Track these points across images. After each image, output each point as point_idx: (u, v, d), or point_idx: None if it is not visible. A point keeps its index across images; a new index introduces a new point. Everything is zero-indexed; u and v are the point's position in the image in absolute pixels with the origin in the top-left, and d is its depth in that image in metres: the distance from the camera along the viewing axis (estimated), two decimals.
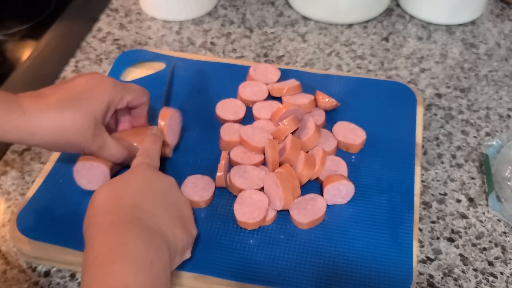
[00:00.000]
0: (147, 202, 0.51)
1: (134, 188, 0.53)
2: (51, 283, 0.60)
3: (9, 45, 0.94)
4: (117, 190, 0.52)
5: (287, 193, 0.60)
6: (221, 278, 0.57)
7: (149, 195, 0.52)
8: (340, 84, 0.78)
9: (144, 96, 0.64)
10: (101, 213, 0.50)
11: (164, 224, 0.50)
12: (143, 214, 0.50)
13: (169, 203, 0.53)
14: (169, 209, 0.53)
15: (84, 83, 0.58)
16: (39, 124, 0.54)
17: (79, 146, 0.57)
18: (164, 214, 0.51)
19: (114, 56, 0.88)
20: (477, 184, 0.69)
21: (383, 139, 0.71)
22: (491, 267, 0.61)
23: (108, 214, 0.49)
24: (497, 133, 0.76)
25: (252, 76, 0.77)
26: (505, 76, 0.85)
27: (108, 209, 0.50)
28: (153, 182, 0.54)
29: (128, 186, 0.53)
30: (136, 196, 0.52)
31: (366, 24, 0.95)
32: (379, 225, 0.61)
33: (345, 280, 0.57)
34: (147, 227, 0.49)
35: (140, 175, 0.55)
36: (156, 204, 0.52)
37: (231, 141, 0.69)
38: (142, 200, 0.51)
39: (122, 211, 0.49)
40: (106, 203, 0.50)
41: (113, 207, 0.50)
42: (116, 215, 0.49)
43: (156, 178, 0.55)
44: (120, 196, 0.51)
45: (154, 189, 0.54)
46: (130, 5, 0.99)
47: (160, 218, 0.51)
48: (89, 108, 0.57)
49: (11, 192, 0.69)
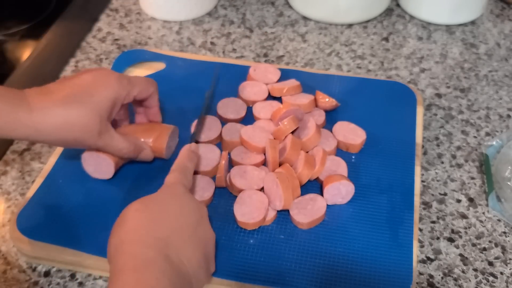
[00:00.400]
0: (180, 237, 0.50)
1: (171, 215, 0.51)
2: (51, 283, 0.60)
3: (9, 45, 0.94)
4: (154, 213, 0.50)
5: (287, 193, 0.60)
6: (221, 278, 0.57)
7: (184, 227, 0.51)
8: (340, 84, 0.78)
9: (151, 87, 0.64)
10: (136, 242, 0.48)
11: (191, 267, 0.49)
12: (174, 253, 0.48)
13: (198, 239, 0.52)
14: (197, 247, 0.51)
15: (90, 79, 0.58)
16: (45, 121, 0.55)
17: (84, 142, 0.58)
18: (192, 255, 0.50)
19: (114, 56, 0.88)
20: (477, 184, 0.69)
21: (383, 139, 0.71)
22: (491, 267, 0.61)
23: (143, 247, 0.47)
24: (497, 133, 0.76)
25: (252, 76, 0.77)
26: (505, 76, 0.85)
27: (144, 240, 0.48)
28: (189, 211, 0.53)
29: (166, 213, 0.51)
30: (171, 226, 0.50)
31: (366, 24, 0.95)
32: (379, 225, 0.61)
33: (345, 280, 0.57)
34: (177, 271, 0.47)
35: (177, 198, 0.53)
36: (188, 240, 0.50)
37: (231, 141, 0.69)
38: (176, 232, 0.50)
39: (157, 245, 0.47)
40: (141, 229, 0.48)
41: (147, 237, 0.48)
42: (151, 250, 0.47)
43: (192, 206, 0.54)
44: (157, 222, 0.49)
45: (188, 220, 0.52)
46: (130, 5, 0.99)
47: (189, 260, 0.49)
48: (94, 105, 0.57)
49: (11, 192, 0.69)
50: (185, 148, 0.61)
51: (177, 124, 0.71)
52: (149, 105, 0.66)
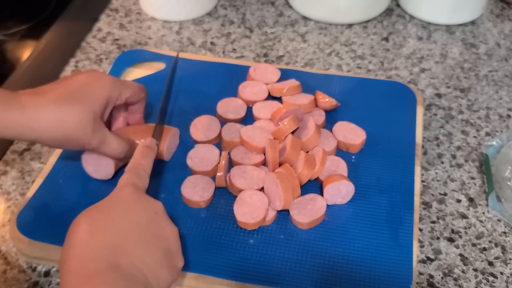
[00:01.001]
0: (128, 241, 0.47)
1: (115, 222, 0.48)
2: (51, 283, 0.60)
3: (9, 45, 0.94)
4: (97, 225, 0.47)
5: (287, 193, 0.60)
6: (221, 278, 0.57)
7: (132, 229, 0.48)
8: (340, 84, 0.78)
9: (142, 92, 0.65)
10: (77, 256, 0.45)
11: (145, 267, 0.47)
12: (123, 258, 0.46)
13: (153, 237, 0.49)
14: (153, 245, 0.48)
15: (83, 79, 0.58)
16: (38, 119, 0.54)
17: (78, 141, 0.57)
18: (146, 254, 0.47)
19: (114, 56, 0.88)
20: (477, 184, 0.69)
21: (383, 139, 0.71)
22: (491, 267, 0.61)
23: (84, 261, 0.45)
24: (497, 133, 0.76)
25: (252, 76, 0.77)
26: (505, 76, 0.85)
27: (84, 253, 0.45)
28: (137, 212, 0.50)
29: (109, 219, 0.48)
30: (116, 234, 0.47)
31: (366, 24, 0.95)
32: (379, 225, 0.61)
33: (345, 280, 0.57)
34: (126, 275, 0.45)
35: (124, 202, 0.50)
36: (139, 241, 0.48)
37: (231, 141, 0.69)
38: (122, 238, 0.47)
39: (100, 255, 0.45)
40: (84, 243, 0.46)
41: (90, 251, 0.45)
42: (92, 262, 0.45)
43: (141, 205, 0.51)
44: (99, 233, 0.47)
45: (138, 220, 0.49)
46: (130, 5, 0.99)
47: (142, 261, 0.47)
48: (88, 103, 0.57)
49: (11, 192, 0.69)
50: (140, 145, 0.58)
51: (177, 124, 0.71)
52: (135, 111, 0.66)
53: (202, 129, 0.70)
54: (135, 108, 0.66)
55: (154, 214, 0.51)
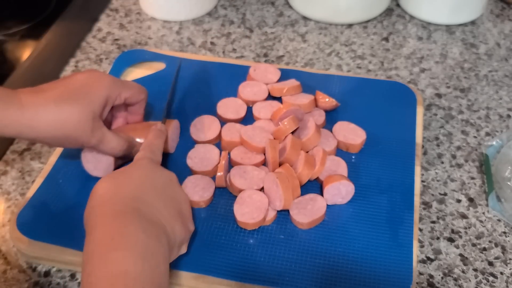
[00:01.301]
0: (147, 195, 0.52)
1: (136, 181, 0.53)
2: (51, 283, 0.60)
3: (9, 45, 0.94)
4: (119, 181, 0.53)
5: (287, 193, 0.60)
6: (221, 278, 0.57)
7: (150, 188, 0.53)
8: (340, 84, 0.78)
9: (142, 93, 0.65)
10: (103, 203, 0.50)
11: (163, 217, 0.51)
12: (144, 206, 0.50)
13: (169, 197, 0.54)
14: (169, 203, 0.53)
15: (83, 78, 0.59)
16: (38, 117, 0.55)
17: (77, 140, 0.58)
18: (163, 208, 0.52)
19: (114, 56, 0.88)
20: (477, 184, 0.69)
21: (383, 139, 0.71)
22: (491, 267, 0.61)
23: (109, 205, 0.50)
24: (497, 133, 0.76)
25: (252, 76, 0.77)
26: (505, 76, 0.85)
27: (109, 200, 0.50)
28: (154, 176, 0.55)
29: (130, 178, 0.53)
30: (137, 188, 0.52)
31: (366, 24, 0.95)
32: (379, 225, 0.61)
33: (345, 280, 0.57)
34: (147, 218, 0.49)
35: (142, 168, 0.55)
36: (156, 197, 0.53)
37: (231, 141, 0.69)
38: (143, 192, 0.52)
39: (124, 201, 0.50)
40: (108, 194, 0.51)
41: (114, 198, 0.50)
42: (117, 205, 0.50)
43: (158, 172, 0.56)
44: (122, 187, 0.52)
45: (155, 183, 0.54)
46: (130, 5, 0.99)
47: (160, 212, 0.51)
48: (87, 102, 0.57)
49: (11, 192, 0.69)
50: (152, 128, 0.63)
51: None
52: (135, 111, 0.67)
53: (202, 129, 0.70)
54: (134, 109, 0.66)
55: (169, 180, 0.56)
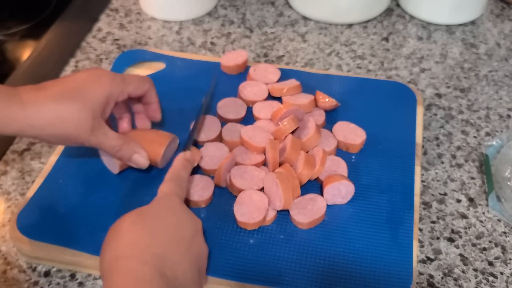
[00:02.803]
0: (176, 253, 0.49)
1: (167, 229, 0.50)
2: (51, 283, 0.60)
3: (9, 45, 0.94)
4: (150, 228, 0.49)
5: (287, 193, 0.60)
6: (221, 278, 0.57)
7: (179, 242, 0.50)
8: (340, 84, 0.78)
9: (146, 83, 0.64)
10: (131, 257, 0.47)
11: (185, 281, 0.48)
12: (169, 270, 0.47)
13: (193, 254, 0.51)
14: (192, 262, 0.50)
15: (84, 77, 0.59)
16: (38, 115, 0.55)
17: (77, 138, 0.57)
18: (188, 270, 0.49)
19: (114, 56, 0.88)
20: (477, 184, 0.69)
21: (383, 139, 0.71)
22: (491, 267, 0.61)
23: (141, 264, 0.46)
24: (497, 133, 0.76)
25: (252, 76, 0.77)
26: (505, 76, 0.85)
27: (142, 256, 0.47)
28: (185, 225, 0.52)
29: (161, 225, 0.50)
30: (167, 242, 0.49)
31: (366, 24, 0.95)
32: (379, 225, 0.61)
33: (345, 280, 0.57)
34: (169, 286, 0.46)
35: (173, 212, 0.53)
36: (183, 255, 0.49)
37: (231, 141, 0.69)
38: (172, 248, 0.49)
39: (154, 263, 0.46)
40: (137, 245, 0.48)
41: (146, 255, 0.47)
42: (148, 267, 0.46)
43: (188, 220, 0.53)
44: (152, 238, 0.48)
45: (184, 234, 0.51)
46: (130, 5, 0.99)
47: (183, 275, 0.48)
48: (87, 101, 0.57)
49: (11, 192, 0.69)
50: (179, 157, 0.61)
51: (177, 124, 0.71)
52: (148, 101, 0.66)
53: (202, 129, 0.70)
54: (146, 99, 0.65)
55: (196, 231, 0.53)
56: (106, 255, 0.48)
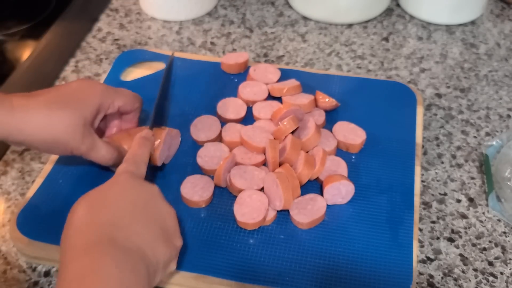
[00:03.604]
0: (124, 218, 0.49)
1: (112, 202, 0.50)
2: (51, 283, 0.60)
3: (9, 45, 0.94)
4: (94, 205, 0.50)
5: (287, 193, 0.60)
6: (221, 278, 0.57)
7: (128, 209, 0.50)
8: (340, 84, 0.78)
9: (136, 102, 0.64)
10: (76, 234, 0.48)
11: (142, 241, 0.48)
12: (120, 233, 0.47)
13: (150, 215, 0.51)
14: (150, 222, 0.50)
15: (76, 85, 0.59)
16: (28, 120, 0.54)
17: (66, 145, 0.57)
18: (143, 230, 0.49)
19: (114, 56, 0.88)
20: (477, 184, 0.69)
21: (383, 139, 0.71)
22: (491, 267, 0.61)
23: (82, 235, 0.47)
24: (497, 133, 0.76)
25: (252, 76, 0.77)
26: (505, 76, 0.85)
27: (83, 230, 0.48)
28: (133, 193, 0.52)
29: (106, 200, 0.50)
30: (113, 212, 0.49)
31: (366, 24, 0.95)
32: (379, 225, 0.61)
33: (345, 280, 0.57)
34: (123, 248, 0.46)
35: (120, 186, 0.52)
36: (135, 218, 0.49)
37: (231, 141, 0.69)
38: (119, 216, 0.49)
39: (98, 231, 0.47)
40: (82, 221, 0.48)
41: (88, 227, 0.48)
42: (90, 236, 0.47)
43: (137, 188, 0.53)
44: (96, 213, 0.49)
45: (134, 201, 0.51)
46: (130, 5, 0.99)
47: (139, 235, 0.48)
48: (79, 109, 0.57)
49: (11, 192, 0.69)
50: (137, 136, 0.60)
51: (177, 125, 0.71)
52: (129, 120, 0.66)
53: (202, 129, 0.70)
54: (129, 117, 0.65)
55: (150, 195, 0.53)
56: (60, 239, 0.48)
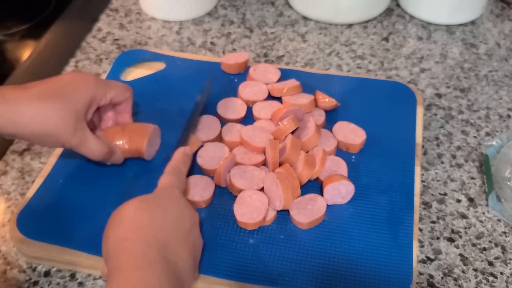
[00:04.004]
0: (177, 239, 0.50)
1: (170, 218, 0.51)
2: (51, 283, 0.60)
3: (9, 45, 0.93)
4: (154, 215, 0.50)
5: (287, 193, 0.60)
6: (221, 278, 0.57)
7: (180, 231, 0.51)
8: (340, 84, 0.78)
9: (127, 91, 0.65)
10: (137, 239, 0.48)
11: (183, 268, 0.49)
12: (171, 255, 0.48)
13: (191, 244, 0.52)
14: (191, 252, 0.51)
15: (68, 78, 0.59)
16: (20, 112, 0.55)
17: (58, 138, 0.57)
18: (186, 258, 0.50)
19: (114, 56, 0.88)
20: (477, 184, 0.69)
21: (383, 139, 0.71)
22: (491, 267, 0.61)
23: (146, 245, 0.47)
24: (497, 133, 0.76)
25: (252, 76, 0.77)
26: (505, 76, 0.85)
27: (146, 238, 0.48)
28: (185, 216, 0.53)
29: (165, 213, 0.51)
30: (169, 229, 0.50)
31: (366, 24, 0.95)
32: (379, 225, 0.61)
33: (345, 280, 0.57)
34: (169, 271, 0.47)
35: (175, 202, 0.53)
36: (183, 244, 0.51)
37: (231, 141, 0.69)
38: (174, 236, 0.50)
39: (157, 246, 0.48)
40: (145, 229, 0.49)
41: (150, 238, 0.48)
42: (152, 250, 0.47)
43: (187, 212, 0.54)
44: (157, 224, 0.50)
45: (184, 225, 0.52)
46: (130, 5, 0.99)
47: (183, 262, 0.49)
48: (71, 101, 0.57)
49: (11, 192, 0.69)
50: (179, 151, 0.61)
51: (176, 125, 0.71)
52: (123, 110, 0.66)
53: (202, 129, 0.70)
54: (121, 107, 0.66)
55: (193, 223, 0.54)
56: (110, 237, 0.49)
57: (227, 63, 0.79)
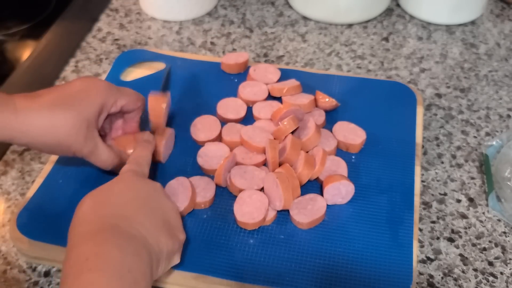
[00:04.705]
0: (128, 209, 0.50)
1: (116, 196, 0.52)
2: (51, 283, 0.60)
3: (9, 45, 0.94)
4: (99, 200, 0.51)
5: (287, 193, 0.60)
6: (221, 278, 0.57)
7: (131, 201, 0.52)
8: (340, 84, 0.78)
9: (139, 101, 0.64)
10: (81, 223, 0.49)
11: (145, 230, 0.49)
12: (123, 222, 0.49)
13: (152, 208, 0.52)
14: (152, 214, 0.51)
15: (78, 85, 0.58)
16: (31, 122, 0.54)
17: (69, 147, 0.57)
18: (146, 220, 0.50)
19: (114, 56, 0.88)
20: (477, 184, 0.69)
21: (383, 139, 0.71)
22: (491, 267, 0.61)
23: (87, 224, 0.49)
24: (497, 133, 0.76)
25: (252, 76, 0.77)
26: (505, 76, 0.85)
27: (88, 219, 0.49)
28: (136, 188, 0.53)
29: (110, 195, 0.52)
30: (117, 205, 0.51)
31: (366, 24, 0.95)
32: (379, 225, 0.61)
33: (345, 280, 0.57)
34: (126, 233, 0.48)
35: (124, 182, 0.54)
36: (138, 210, 0.51)
37: (232, 141, 0.69)
38: (122, 207, 0.51)
39: (102, 220, 0.49)
40: (87, 213, 0.50)
41: (92, 217, 0.49)
42: (95, 224, 0.48)
43: (140, 184, 0.54)
44: (101, 206, 0.50)
45: (137, 195, 0.53)
46: (130, 5, 0.99)
47: (142, 224, 0.49)
48: (82, 109, 0.56)
49: (11, 192, 0.69)
50: (139, 140, 0.62)
51: (177, 124, 0.71)
52: (131, 119, 0.65)
53: (202, 129, 0.71)
54: (130, 116, 0.65)
55: (153, 190, 0.54)
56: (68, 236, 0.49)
57: (227, 63, 0.79)
